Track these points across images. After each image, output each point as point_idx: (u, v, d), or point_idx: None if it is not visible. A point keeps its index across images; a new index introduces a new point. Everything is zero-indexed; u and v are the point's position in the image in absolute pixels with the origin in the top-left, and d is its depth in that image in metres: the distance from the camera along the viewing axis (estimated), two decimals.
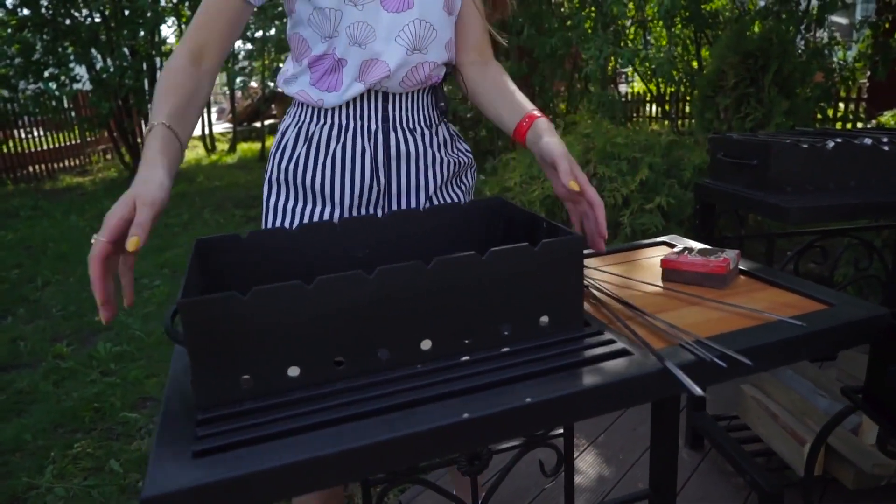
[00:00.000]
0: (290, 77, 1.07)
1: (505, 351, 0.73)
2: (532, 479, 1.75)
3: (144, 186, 0.72)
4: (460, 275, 0.69)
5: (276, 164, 1.08)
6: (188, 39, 0.91)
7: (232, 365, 0.65)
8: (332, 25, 0.97)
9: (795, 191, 1.36)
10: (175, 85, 0.87)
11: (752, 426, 1.71)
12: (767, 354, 0.71)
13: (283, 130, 1.09)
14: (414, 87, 1.05)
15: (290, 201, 1.07)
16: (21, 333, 3.08)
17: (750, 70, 2.66)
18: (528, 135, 1.01)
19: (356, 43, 0.98)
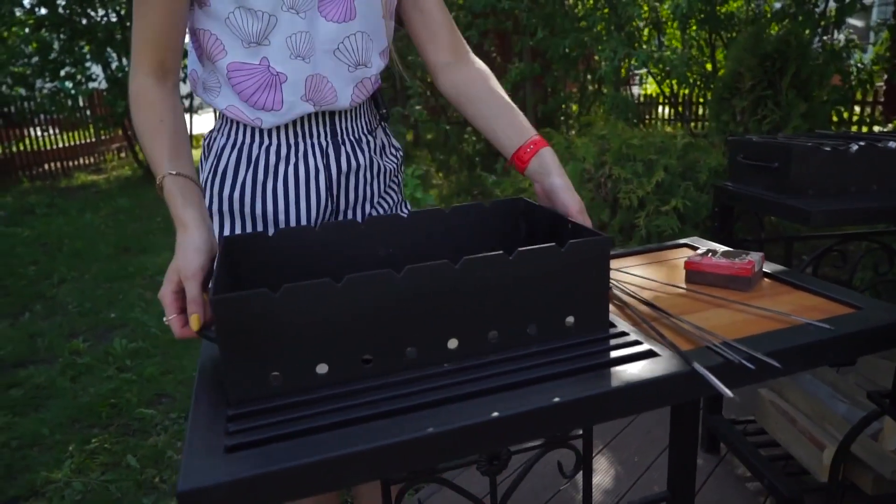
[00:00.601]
0: (210, 85, 0.94)
1: (531, 351, 0.73)
2: (546, 479, 1.75)
3: (184, 258, 0.71)
4: (487, 274, 0.70)
5: (216, 192, 0.95)
6: (144, 60, 0.83)
7: (262, 361, 0.66)
8: (262, 32, 0.85)
9: (817, 194, 1.35)
10: (155, 119, 0.81)
11: (769, 430, 1.70)
12: (795, 357, 0.71)
13: (218, 152, 0.96)
14: (362, 100, 0.99)
15: (237, 231, 0.96)
16: (38, 329, 3.12)
17: (767, 72, 2.65)
18: (532, 165, 0.91)
19: (299, 56, 0.88)
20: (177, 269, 0.70)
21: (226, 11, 0.84)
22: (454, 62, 1.01)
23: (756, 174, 1.46)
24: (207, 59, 0.91)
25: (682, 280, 0.95)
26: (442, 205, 5.44)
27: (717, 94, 2.92)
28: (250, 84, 0.89)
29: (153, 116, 0.81)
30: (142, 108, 0.82)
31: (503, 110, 0.96)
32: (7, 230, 5.18)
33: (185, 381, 2.53)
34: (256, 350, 0.65)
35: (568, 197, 0.86)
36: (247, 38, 0.86)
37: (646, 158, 2.50)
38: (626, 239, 2.50)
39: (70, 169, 8.37)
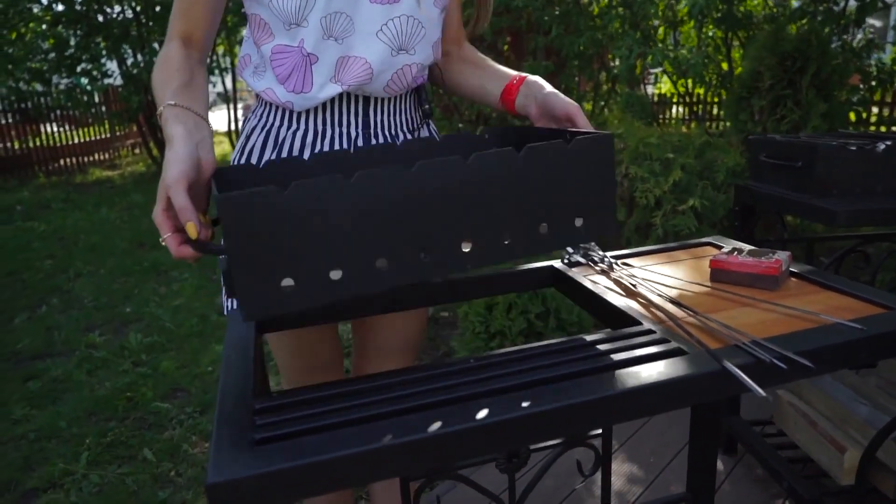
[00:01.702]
0: (257, 68, 0.94)
1: (559, 347, 0.73)
2: (561, 478, 1.75)
3: (165, 172, 0.68)
4: (499, 171, 0.68)
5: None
6: (174, 29, 0.85)
7: (273, 267, 0.61)
8: (300, 12, 0.84)
9: (841, 193, 1.34)
10: (172, 70, 0.81)
11: (788, 432, 1.68)
12: (827, 357, 0.70)
13: (248, 133, 0.97)
14: (398, 91, 0.95)
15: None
16: (55, 323, 3.15)
17: (787, 71, 2.62)
18: (521, 92, 0.92)
19: (332, 36, 0.86)
20: (163, 184, 0.67)
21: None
22: (454, 50, 1.05)
23: (779, 173, 1.44)
24: (256, 43, 0.92)
25: (707, 279, 0.94)
26: None
27: (734, 93, 2.89)
28: (287, 66, 0.88)
29: (170, 68, 0.81)
30: (162, 64, 0.82)
31: (489, 69, 1.01)
32: (24, 224, 5.23)
33: (199, 376, 2.54)
34: (267, 255, 0.60)
35: (565, 99, 0.87)
36: (287, 20, 0.85)
37: (663, 157, 2.48)
38: (643, 238, 2.48)
39: (85, 164, 8.45)
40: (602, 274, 0.98)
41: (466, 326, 2.35)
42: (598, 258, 1.02)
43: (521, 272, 1.04)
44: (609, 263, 0.99)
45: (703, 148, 2.64)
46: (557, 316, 2.23)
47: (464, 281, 1.02)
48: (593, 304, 0.91)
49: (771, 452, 1.58)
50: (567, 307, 2.25)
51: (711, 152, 2.63)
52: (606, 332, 0.78)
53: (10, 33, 7.26)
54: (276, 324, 0.93)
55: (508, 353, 0.73)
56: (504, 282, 1.05)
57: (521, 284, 1.07)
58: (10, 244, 4.64)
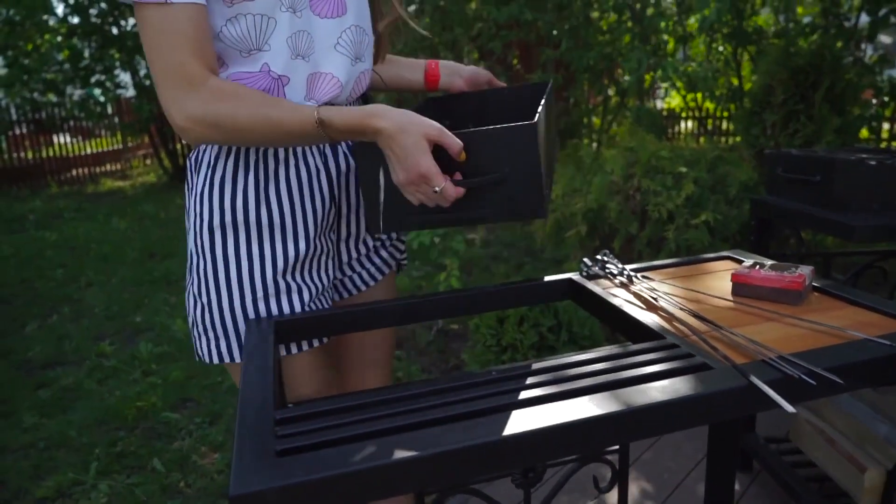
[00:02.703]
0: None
1: (582, 360, 0.72)
2: (575, 494, 1.73)
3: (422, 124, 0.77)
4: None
5: (216, 204, 0.88)
6: (199, 71, 0.77)
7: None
8: (261, 37, 0.83)
9: (860, 208, 1.33)
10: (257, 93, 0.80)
11: (805, 450, 1.65)
12: (855, 374, 0.69)
13: (212, 163, 0.89)
14: (355, 99, 0.97)
15: (242, 246, 0.88)
16: (66, 331, 3.16)
17: (800, 86, 2.61)
18: (443, 72, 1.11)
19: (299, 55, 0.86)
20: (424, 135, 0.76)
21: (217, 27, 0.82)
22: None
23: (796, 188, 1.43)
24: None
25: (728, 293, 0.93)
26: None
27: (746, 107, 2.88)
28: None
29: (252, 93, 0.80)
30: (238, 94, 0.78)
31: (400, 61, 1.14)
32: (36, 234, 5.27)
33: (209, 387, 2.54)
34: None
35: (481, 69, 1.11)
36: (245, 48, 0.84)
37: (675, 171, 2.47)
38: (655, 252, 2.46)
39: (97, 175, 8.52)
40: (621, 287, 0.97)
41: (477, 339, 2.34)
42: (616, 271, 1.01)
43: (538, 284, 1.03)
44: (628, 276, 0.98)
45: (716, 162, 2.63)
46: (569, 329, 2.21)
47: (479, 293, 1.01)
48: (613, 318, 0.90)
49: (788, 471, 1.56)
50: (579, 321, 2.24)
51: (724, 167, 2.62)
52: (628, 346, 0.77)
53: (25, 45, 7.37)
54: (296, 335, 0.93)
55: (528, 366, 0.72)
56: (520, 294, 1.04)
57: (538, 297, 1.07)
58: (22, 253, 4.68)
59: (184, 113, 0.77)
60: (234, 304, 0.89)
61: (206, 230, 0.89)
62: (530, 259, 4.13)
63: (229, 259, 0.89)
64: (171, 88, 0.77)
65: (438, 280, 2.77)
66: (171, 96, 0.77)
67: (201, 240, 0.90)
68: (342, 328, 0.96)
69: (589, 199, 2.51)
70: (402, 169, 0.78)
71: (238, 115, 0.77)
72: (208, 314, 0.90)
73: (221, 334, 0.90)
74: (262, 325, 0.89)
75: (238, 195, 0.88)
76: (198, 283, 0.91)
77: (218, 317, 0.90)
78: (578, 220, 2.55)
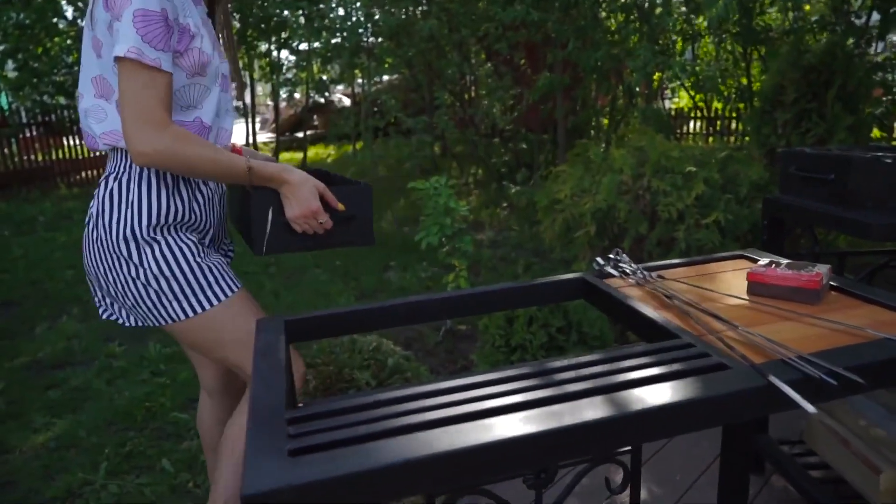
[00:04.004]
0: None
1: (595, 360, 0.71)
2: (585, 495, 1.71)
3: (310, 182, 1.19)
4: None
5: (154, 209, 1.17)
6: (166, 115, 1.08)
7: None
8: (199, 100, 1.20)
9: (876, 206, 1.31)
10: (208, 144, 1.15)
11: (818, 452, 1.63)
12: (879, 373, 0.68)
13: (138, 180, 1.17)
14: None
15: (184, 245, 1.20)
16: (75, 332, 3.17)
17: (811, 85, 2.59)
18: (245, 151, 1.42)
19: (217, 115, 1.24)
20: (315, 189, 1.19)
21: (179, 84, 1.14)
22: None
23: (810, 186, 1.42)
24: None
25: (743, 291, 0.92)
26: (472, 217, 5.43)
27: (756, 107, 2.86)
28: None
29: (202, 140, 1.13)
30: (192, 140, 1.10)
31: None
32: (46, 235, 5.30)
33: None
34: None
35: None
36: (186, 104, 1.18)
37: (685, 171, 2.46)
38: (665, 252, 2.45)
39: None
40: (635, 286, 0.96)
41: (486, 340, 2.33)
42: (630, 270, 1.00)
43: (550, 283, 1.02)
44: (641, 275, 0.97)
45: (726, 161, 2.61)
46: (579, 330, 2.20)
47: (490, 293, 1.00)
48: (627, 317, 0.89)
49: (802, 472, 1.54)
50: (589, 321, 2.22)
51: (734, 166, 2.60)
52: (644, 346, 0.76)
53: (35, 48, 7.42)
54: (305, 334, 0.92)
55: (541, 366, 0.71)
56: (532, 294, 1.03)
57: (549, 297, 1.06)
58: (31, 254, 4.70)
59: (151, 146, 1.05)
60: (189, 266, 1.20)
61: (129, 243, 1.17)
62: (539, 260, 4.12)
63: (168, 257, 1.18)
64: (143, 128, 1.05)
65: (447, 281, 2.76)
66: (143, 132, 1.05)
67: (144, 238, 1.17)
68: (352, 328, 0.96)
69: (598, 198, 2.50)
70: (299, 207, 1.17)
71: (190, 154, 1.09)
72: (174, 283, 1.17)
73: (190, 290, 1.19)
74: (274, 324, 0.88)
75: (175, 196, 1.20)
76: (148, 271, 1.17)
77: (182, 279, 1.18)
78: (587, 220, 2.53)
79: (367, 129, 6.90)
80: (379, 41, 6.69)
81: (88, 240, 1.20)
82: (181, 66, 1.14)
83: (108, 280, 1.20)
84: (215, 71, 1.22)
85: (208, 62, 1.19)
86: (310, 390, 2.01)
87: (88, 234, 1.20)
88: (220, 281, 1.22)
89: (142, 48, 1.04)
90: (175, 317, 1.20)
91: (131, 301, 1.20)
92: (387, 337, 2.71)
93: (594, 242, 2.58)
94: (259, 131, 12.10)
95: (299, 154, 9.38)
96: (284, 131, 10.85)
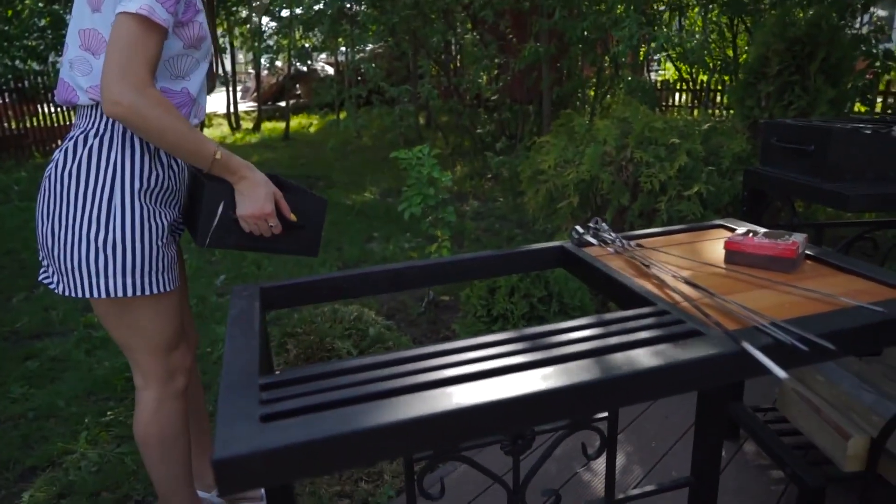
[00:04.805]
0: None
1: (572, 326, 0.71)
2: (563, 462, 1.74)
3: (268, 187, 1.20)
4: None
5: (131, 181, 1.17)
6: (149, 76, 1.06)
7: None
8: (189, 72, 1.22)
9: (854, 178, 1.32)
10: (183, 119, 1.11)
11: (791, 419, 1.67)
12: (849, 340, 0.68)
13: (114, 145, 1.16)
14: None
15: (150, 221, 1.19)
16: (52, 302, 3.12)
17: (796, 57, 2.58)
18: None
19: (202, 90, 1.27)
20: (270, 195, 1.19)
21: (167, 55, 1.16)
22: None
23: (790, 158, 1.42)
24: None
25: (721, 261, 0.92)
26: (455, 188, 5.41)
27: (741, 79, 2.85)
28: (175, 103, 1.21)
29: (180, 116, 1.10)
30: (169, 108, 1.08)
31: None
32: (21, 204, 5.19)
33: (198, 357, 2.52)
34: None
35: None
36: (176, 74, 1.20)
37: (668, 142, 2.45)
38: (647, 223, 2.46)
39: None
40: (614, 255, 0.96)
41: (468, 310, 2.33)
42: (608, 238, 1.00)
43: (530, 252, 1.02)
44: (620, 244, 0.97)
45: (709, 133, 2.61)
46: (560, 300, 2.21)
47: (470, 261, 1.00)
48: (605, 285, 0.89)
49: (774, 438, 1.57)
50: (570, 291, 2.24)
51: (717, 138, 2.60)
52: (620, 313, 0.77)
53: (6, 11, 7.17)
54: (282, 302, 0.91)
55: (519, 333, 0.71)
56: (511, 262, 1.03)
57: (529, 265, 1.05)
58: (7, 224, 4.61)
59: (125, 98, 1.03)
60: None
61: (131, 195, 1.17)
62: (522, 231, 4.12)
63: (146, 220, 1.19)
64: (124, 80, 1.03)
65: (430, 251, 2.75)
66: (122, 85, 1.03)
67: (122, 202, 1.16)
68: (330, 295, 0.95)
69: (581, 169, 2.49)
70: (252, 206, 1.18)
71: (165, 121, 1.07)
72: (129, 256, 1.17)
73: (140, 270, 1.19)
74: (249, 291, 0.87)
75: (153, 171, 1.21)
76: (109, 236, 1.15)
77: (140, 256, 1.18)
78: (570, 191, 2.53)
79: (351, 98, 6.80)
80: (362, 7, 6.55)
81: (49, 192, 1.16)
82: (180, 36, 1.16)
83: (57, 235, 1.16)
84: (208, 47, 1.24)
85: (205, 37, 1.21)
86: (290, 359, 2.01)
87: (50, 187, 1.16)
88: (166, 273, 1.22)
89: (154, 7, 1.04)
90: (111, 291, 1.17)
91: (71, 264, 1.16)
92: (369, 307, 2.71)
93: (577, 213, 2.58)
94: (240, 100, 11.87)
95: (282, 124, 9.23)
96: (266, 100, 10.66)
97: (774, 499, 1.58)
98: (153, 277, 1.20)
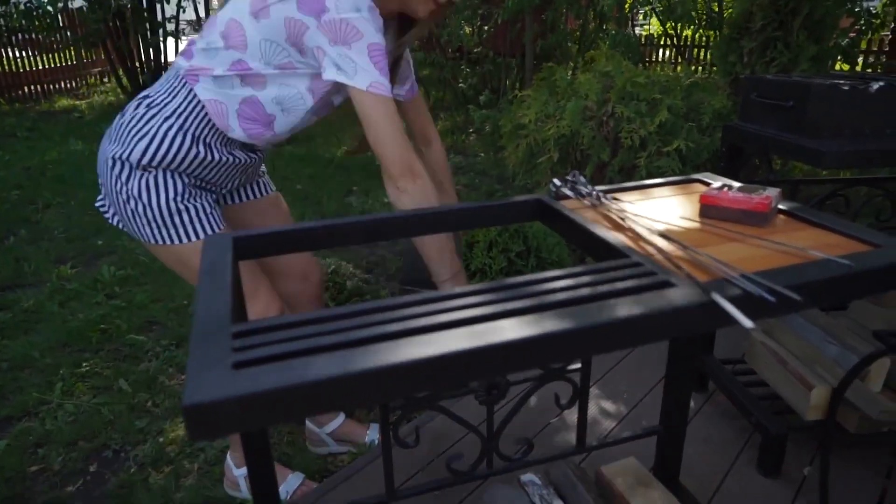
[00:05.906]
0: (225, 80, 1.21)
1: (546, 277, 0.71)
2: (536, 412, 1.78)
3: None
4: None
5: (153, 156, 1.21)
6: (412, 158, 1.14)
7: None
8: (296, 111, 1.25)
9: (832, 134, 1.32)
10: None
11: (758, 370, 1.72)
12: (815, 292, 0.70)
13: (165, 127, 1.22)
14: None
15: (161, 181, 1.24)
16: (24, 254, 3.07)
17: (780, 12, 2.56)
18: None
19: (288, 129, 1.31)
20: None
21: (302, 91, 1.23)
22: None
23: (769, 113, 1.42)
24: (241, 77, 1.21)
25: (696, 214, 0.93)
26: None
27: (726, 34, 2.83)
28: (250, 115, 1.25)
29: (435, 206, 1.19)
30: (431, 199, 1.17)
31: None
32: None
33: (175, 310, 2.51)
34: None
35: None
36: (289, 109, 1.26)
37: (650, 98, 2.44)
38: (626, 179, 2.46)
39: (50, 92, 8.08)
40: (590, 208, 0.96)
41: None
42: (585, 192, 0.99)
43: (506, 204, 1.02)
44: (597, 197, 0.97)
45: (690, 89, 2.60)
46: (538, 255, 2.23)
47: (447, 213, 0.99)
48: (580, 237, 0.89)
49: (741, 389, 1.62)
50: (548, 246, 2.25)
51: (698, 94, 2.59)
52: (594, 265, 0.77)
53: None
54: (255, 252, 0.90)
55: (492, 284, 0.71)
56: (489, 214, 1.03)
57: (506, 217, 1.05)
58: None
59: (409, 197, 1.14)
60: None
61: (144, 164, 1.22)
62: (502, 187, 4.11)
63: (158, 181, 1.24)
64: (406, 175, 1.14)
65: None
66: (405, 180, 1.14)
67: (135, 167, 1.23)
68: (304, 245, 0.94)
69: (562, 124, 2.47)
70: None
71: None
72: (149, 211, 1.23)
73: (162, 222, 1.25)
74: (222, 241, 0.86)
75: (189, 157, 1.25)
76: (130, 192, 1.24)
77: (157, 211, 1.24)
78: (550, 146, 2.52)
79: None
80: None
81: (113, 127, 1.27)
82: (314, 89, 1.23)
83: (106, 179, 1.27)
84: (317, 109, 1.30)
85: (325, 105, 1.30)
86: None
87: (108, 134, 1.28)
88: (196, 222, 1.26)
89: (382, 81, 1.10)
90: (147, 238, 1.28)
91: (117, 206, 1.28)
92: (347, 260, 2.70)
93: (557, 169, 2.58)
94: None
95: None
96: None
97: (739, 446, 1.64)
98: (180, 229, 1.25)
